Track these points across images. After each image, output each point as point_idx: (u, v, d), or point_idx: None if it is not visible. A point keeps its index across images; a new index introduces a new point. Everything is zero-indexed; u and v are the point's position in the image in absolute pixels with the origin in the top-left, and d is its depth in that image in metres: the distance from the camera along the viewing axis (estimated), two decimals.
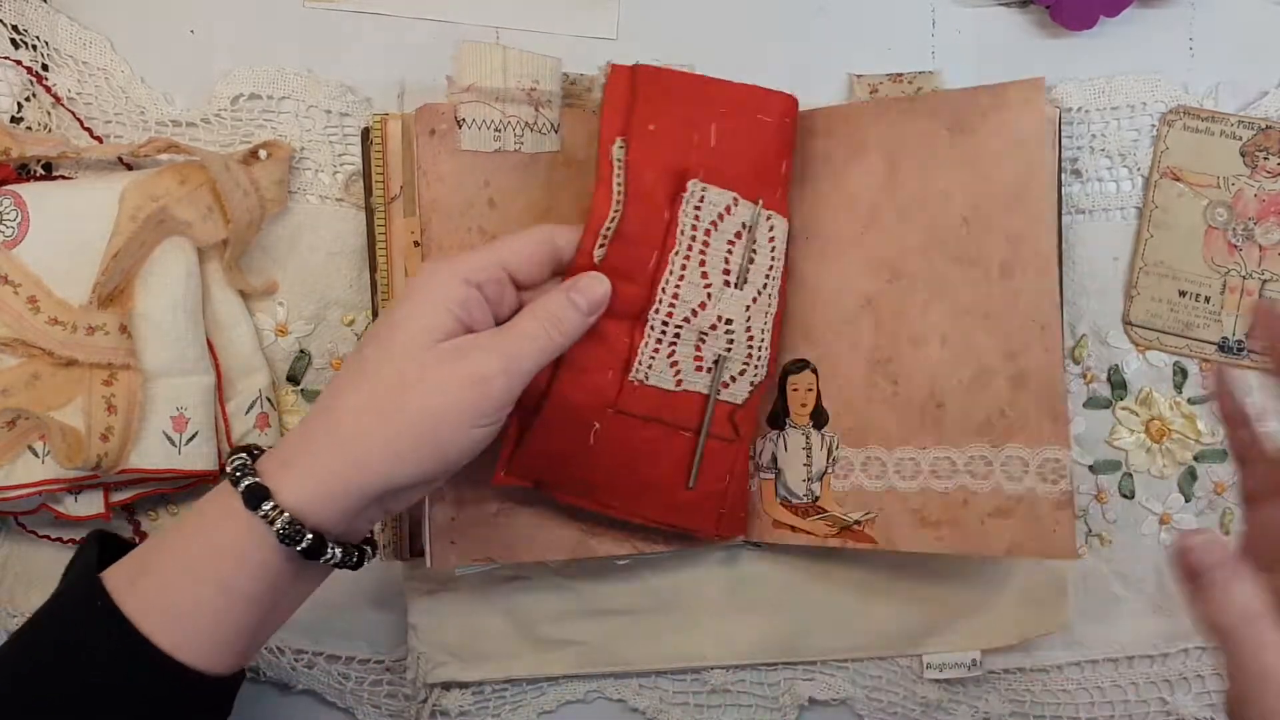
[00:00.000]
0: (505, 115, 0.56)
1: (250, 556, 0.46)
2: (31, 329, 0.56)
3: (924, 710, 0.63)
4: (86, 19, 0.61)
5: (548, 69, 0.57)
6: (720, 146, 0.55)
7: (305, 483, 0.46)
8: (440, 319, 0.48)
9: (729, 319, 0.55)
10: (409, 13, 0.62)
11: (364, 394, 0.47)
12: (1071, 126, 0.61)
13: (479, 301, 0.49)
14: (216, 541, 0.46)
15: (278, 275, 0.61)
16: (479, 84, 0.56)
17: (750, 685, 0.63)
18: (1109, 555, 0.62)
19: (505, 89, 0.56)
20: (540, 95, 0.57)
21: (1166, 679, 0.62)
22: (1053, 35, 0.62)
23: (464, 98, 0.56)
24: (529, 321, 0.50)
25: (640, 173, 0.54)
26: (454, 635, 0.61)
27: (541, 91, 0.57)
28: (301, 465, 0.46)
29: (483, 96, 0.56)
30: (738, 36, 0.62)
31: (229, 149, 0.60)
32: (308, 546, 0.46)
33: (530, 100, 0.57)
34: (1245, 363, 0.61)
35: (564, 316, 0.50)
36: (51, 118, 0.60)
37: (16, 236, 0.57)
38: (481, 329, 0.49)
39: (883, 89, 0.61)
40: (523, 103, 0.57)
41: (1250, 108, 0.61)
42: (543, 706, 0.63)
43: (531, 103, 0.57)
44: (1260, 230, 0.60)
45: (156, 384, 0.57)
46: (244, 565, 0.46)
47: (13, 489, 0.57)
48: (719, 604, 0.62)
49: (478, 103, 0.56)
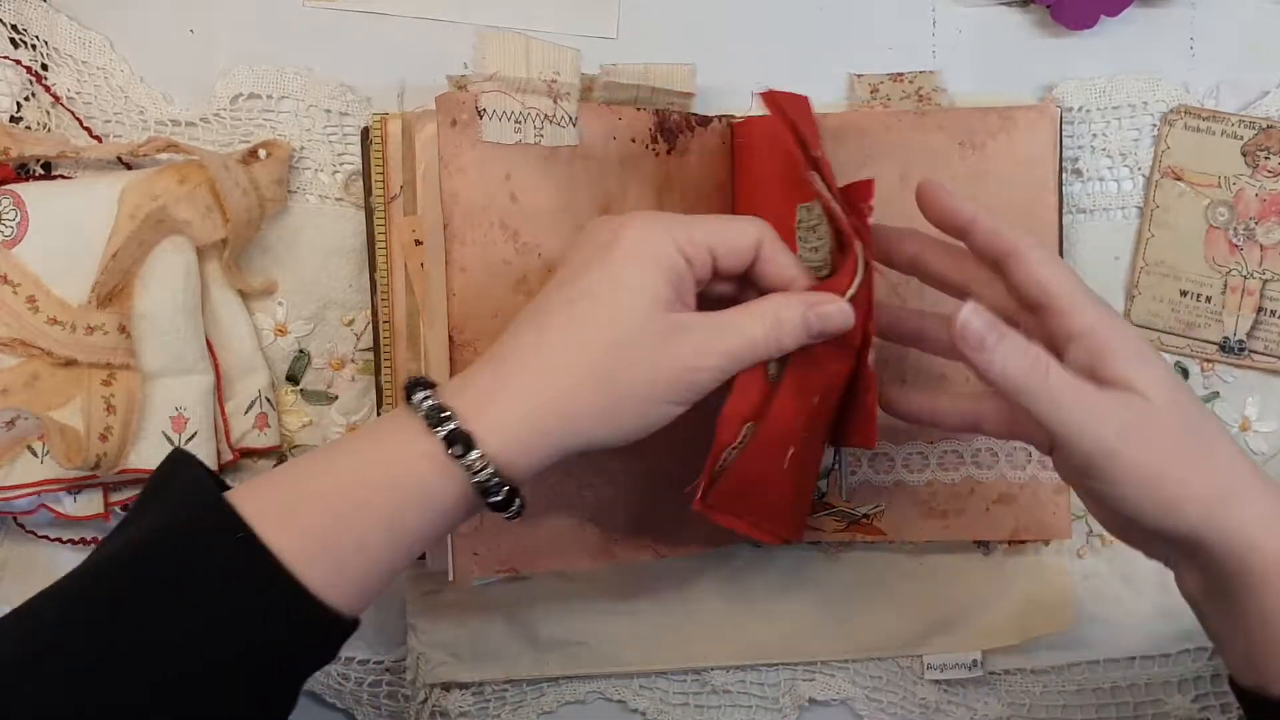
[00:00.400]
0: (525, 107, 0.54)
1: (437, 504, 0.43)
2: (31, 329, 0.56)
3: (924, 711, 0.63)
4: (86, 18, 0.61)
5: (568, 60, 0.55)
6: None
7: (509, 431, 0.43)
8: (662, 288, 0.45)
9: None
10: (409, 13, 0.62)
11: (577, 347, 0.44)
12: (1072, 126, 0.61)
13: (688, 275, 0.46)
14: (401, 482, 0.43)
15: (277, 275, 0.61)
16: (502, 73, 0.54)
17: (750, 685, 0.63)
18: (1110, 555, 0.62)
19: (528, 79, 0.54)
20: (560, 87, 0.55)
21: (1168, 680, 0.62)
22: (1053, 35, 0.62)
23: (486, 87, 0.54)
24: (756, 324, 0.47)
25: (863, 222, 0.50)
26: (454, 635, 0.61)
27: (561, 83, 0.55)
28: (503, 410, 0.43)
29: (505, 86, 0.54)
30: (738, 36, 0.62)
31: (228, 148, 0.60)
32: (503, 499, 0.44)
33: (550, 92, 0.55)
34: (1247, 362, 0.61)
35: (792, 333, 0.47)
36: (51, 117, 0.60)
37: (16, 236, 0.57)
38: (687, 306, 0.47)
39: (883, 89, 0.61)
40: (542, 94, 0.55)
41: (1251, 107, 0.61)
42: (543, 707, 0.63)
43: (551, 95, 0.55)
44: (1261, 230, 0.60)
45: (156, 384, 0.57)
46: (427, 511, 0.43)
47: (12, 489, 0.57)
48: (719, 604, 0.62)
49: (498, 93, 0.54)
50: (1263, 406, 0.61)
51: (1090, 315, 0.45)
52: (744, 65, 0.62)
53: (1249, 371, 0.61)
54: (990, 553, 0.62)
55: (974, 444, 0.59)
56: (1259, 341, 0.61)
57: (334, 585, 0.42)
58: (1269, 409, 0.62)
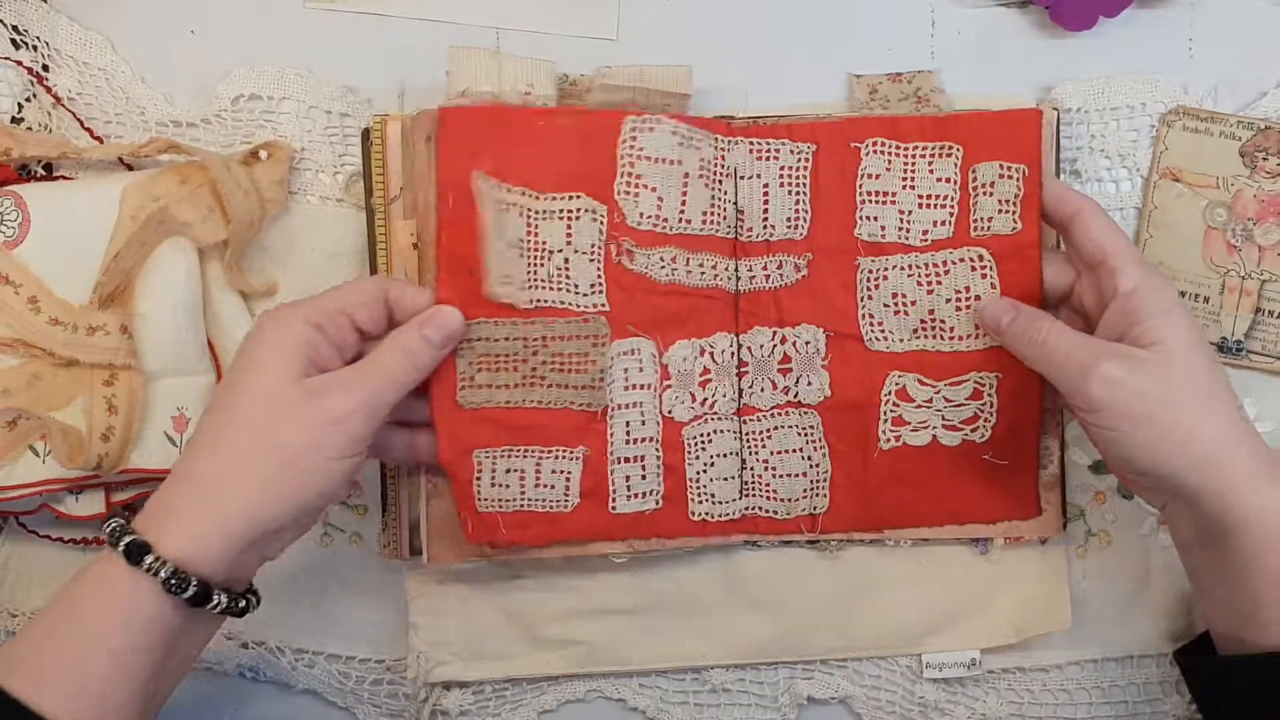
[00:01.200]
0: None
1: (138, 613, 0.46)
2: (32, 329, 0.56)
3: (923, 709, 0.63)
4: (87, 19, 0.61)
5: (542, 73, 0.57)
6: None
7: (182, 533, 0.47)
8: (293, 361, 0.49)
9: None
10: (409, 13, 0.62)
11: (228, 440, 0.48)
12: (1071, 127, 0.61)
13: (323, 342, 0.51)
14: (101, 605, 0.47)
15: (278, 275, 0.61)
16: (473, 89, 0.56)
17: (749, 684, 0.63)
18: (1108, 555, 0.62)
19: (500, 92, 0.56)
20: (535, 99, 0.57)
21: (1166, 679, 0.63)
22: (1052, 36, 0.62)
23: (459, 103, 0.56)
24: (388, 357, 0.51)
25: None
26: (454, 635, 0.61)
27: (536, 95, 0.57)
28: (175, 517, 0.47)
29: (478, 101, 0.56)
30: (738, 37, 0.62)
31: (229, 149, 0.60)
32: (194, 594, 0.47)
33: (526, 104, 0.56)
34: (1245, 363, 0.61)
35: (421, 351, 0.52)
36: (52, 118, 0.60)
37: (17, 237, 0.57)
38: (332, 368, 0.51)
39: (882, 89, 0.61)
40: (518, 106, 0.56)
41: (1249, 108, 0.61)
42: (543, 706, 0.63)
43: (527, 106, 0.57)
44: (1259, 230, 0.60)
45: (157, 384, 0.57)
46: (133, 624, 0.46)
47: (13, 489, 0.57)
48: (718, 604, 0.62)
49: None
50: (1261, 406, 0.62)
51: (1135, 278, 0.52)
52: (744, 65, 0.62)
53: (1247, 372, 0.62)
54: (988, 552, 0.62)
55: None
56: (1257, 342, 0.61)
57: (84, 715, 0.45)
58: (1267, 409, 0.62)
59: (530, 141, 0.55)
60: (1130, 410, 0.50)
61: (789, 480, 0.60)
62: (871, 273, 0.59)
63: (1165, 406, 0.50)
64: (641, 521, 0.58)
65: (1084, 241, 0.54)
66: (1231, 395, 0.52)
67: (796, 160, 0.58)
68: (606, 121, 0.56)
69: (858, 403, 0.59)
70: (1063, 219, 0.56)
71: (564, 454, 0.57)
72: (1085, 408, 0.51)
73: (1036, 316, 0.54)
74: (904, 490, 0.60)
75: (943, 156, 0.58)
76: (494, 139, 0.55)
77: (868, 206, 0.58)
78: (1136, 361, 0.50)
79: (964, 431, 0.59)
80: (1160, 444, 0.50)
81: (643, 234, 0.56)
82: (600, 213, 0.56)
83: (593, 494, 0.57)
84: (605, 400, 0.57)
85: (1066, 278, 0.57)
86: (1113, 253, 0.53)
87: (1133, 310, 0.51)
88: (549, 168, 0.55)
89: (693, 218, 0.57)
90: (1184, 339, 0.51)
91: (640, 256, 0.56)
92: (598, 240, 0.56)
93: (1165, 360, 0.50)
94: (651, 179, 0.56)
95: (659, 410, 0.58)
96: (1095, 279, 0.54)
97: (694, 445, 0.59)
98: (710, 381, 0.59)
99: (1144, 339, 0.51)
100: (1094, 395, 0.50)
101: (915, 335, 0.59)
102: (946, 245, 0.58)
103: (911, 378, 0.59)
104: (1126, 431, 0.50)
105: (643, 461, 0.58)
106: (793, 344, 0.59)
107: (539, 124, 0.55)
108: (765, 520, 0.60)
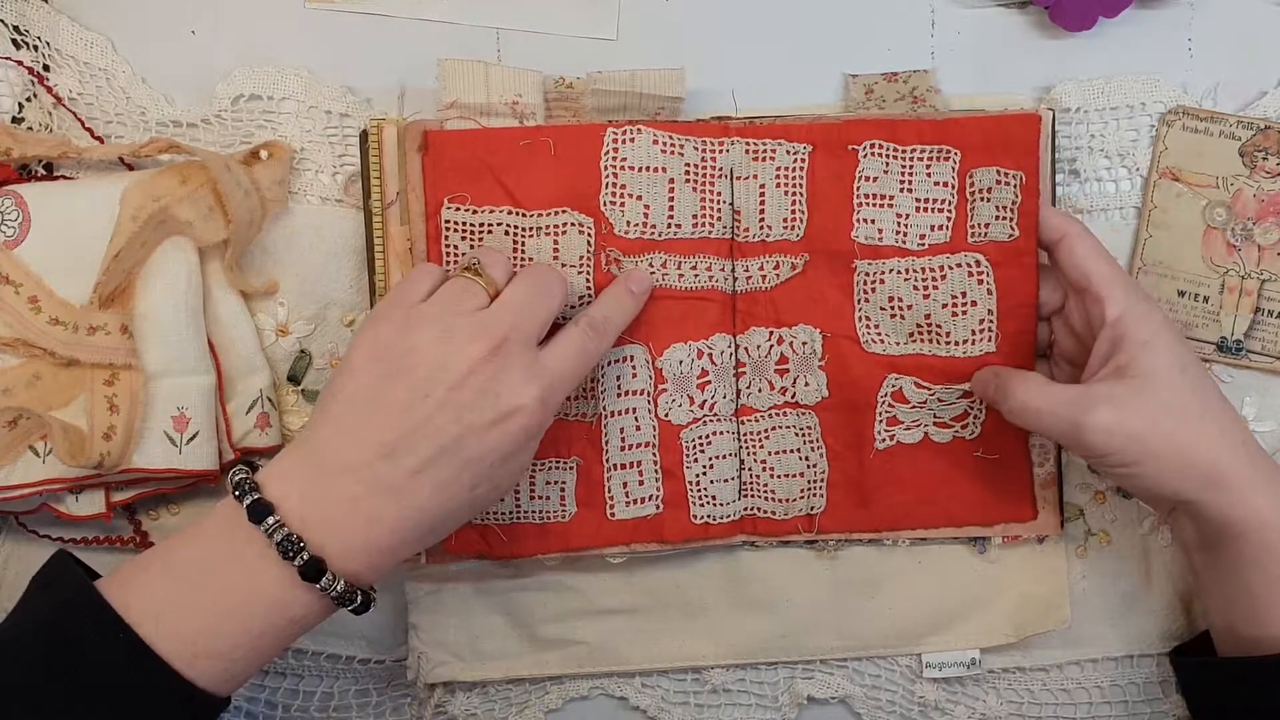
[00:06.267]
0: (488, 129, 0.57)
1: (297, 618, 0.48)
2: (33, 329, 0.57)
3: (922, 709, 0.63)
4: (88, 19, 0.61)
5: (529, 82, 0.58)
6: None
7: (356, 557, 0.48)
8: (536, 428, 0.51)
9: None
10: (409, 13, 0.62)
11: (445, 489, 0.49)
12: (1070, 127, 0.61)
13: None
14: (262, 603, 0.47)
15: (278, 275, 0.61)
16: (462, 100, 0.57)
17: (750, 684, 0.63)
18: (1108, 554, 0.62)
19: (489, 103, 0.57)
20: (524, 108, 0.57)
21: (1166, 678, 0.63)
22: (1052, 36, 0.62)
23: (449, 114, 0.57)
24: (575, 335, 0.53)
25: None
26: (454, 635, 0.61)
27: (524, 104, 0.57)
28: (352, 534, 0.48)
29: (467, 112, 0.57)
30: (738, 37, 0.62)
31: (229, 149, 0.60)
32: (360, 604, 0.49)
33: (514, 113, 0.57)
34: (1244, 362, 0.61)
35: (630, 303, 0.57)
36: (53, 118, 0.60)
37: (18, 236, 0.57)
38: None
39: (878, 89, 0.61)
40: (506, 116, 0.58)
41: (1249, 108, 0.61)
42: (549, 705, 0.63)
43: (516, 115, 0.58)
44: (1259, 230, 0.60)
45: (158, 384, 0.57)
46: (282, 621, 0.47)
47: (14, 489, 0.57)
48: (718, 604, 0.62)
49: (462, 119, 0.57)
50: (1260, 406, 0.62)
51: (1119, 306, 0.53)
52: (745, 66, 0.62)
53: (1247, 371, 0.62)
54: (987, 551, 0.62)
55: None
56: (1256, 342, 0.61)
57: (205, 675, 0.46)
58: (1267, 409, 0.62)
59: (515, 164, 0.56)
60: (1128, 452, 0.51)
61: (787, 481, 0.60)
62: (868, 276, 0.59)
63: (1160, 438, 0.51)
64: (643, 526, 0.58)
65: (1069, 267, 0.55)
66: (1226, 407, 0.53)
67: (793, 161, 0.58)
68: (588, 136, 0.56)
69: (855, 404, 0.59)
70: (1048, 243, 0.57)
71: (557, 465, 0.57)
72: (1087, 456, 0.53)
73: (1010, 379, 0.54)
74: (900, 491, 0.60)
75: (940, 160, 0.58)
76: (479, 162, 0.56)
77: (865, 209, 0.58)
78: (1123, 401, 0.51)
79: (954, 429, 0.59)
80: (1161, 473, 0.52)
81: (630, 242, 0.57)
82: (587, 225, 0.56)
83: (589, 502, 0.58)
84: (598, 409, 0.57)
85: (1060, 294, 0.58)
86: (1097, 280, 0.54)
87: (1118, 339, 0.53)
88: (535, 187, 0.56)
89: (683, 222, 0.57)
90: (1170, 365, 0.52)
91: (628, 264, 0.57)
92: (586, 252, 0.56)
93: (1154, 391, 0.52)
94: (636, 187, 0.56)
95: (654, 415, 0.58)
96: (1082, 303, 0.56)
97: (693, 448, 0.59)
98: (709, 383, 0.59)
99: (1130, 369, 0.52)
100: (1092, 445, 0.51)
101: (912, 339, 0.59)
102: (944, 250, 0.58)
103: (908, 380, 0.59)
104: (1130, 466, 0.52)
105: (639, 467, 0.58)
106: (790, 344, 0.59)
107: (523, 144, 0.56)
108: (764, 521, 0.60)
